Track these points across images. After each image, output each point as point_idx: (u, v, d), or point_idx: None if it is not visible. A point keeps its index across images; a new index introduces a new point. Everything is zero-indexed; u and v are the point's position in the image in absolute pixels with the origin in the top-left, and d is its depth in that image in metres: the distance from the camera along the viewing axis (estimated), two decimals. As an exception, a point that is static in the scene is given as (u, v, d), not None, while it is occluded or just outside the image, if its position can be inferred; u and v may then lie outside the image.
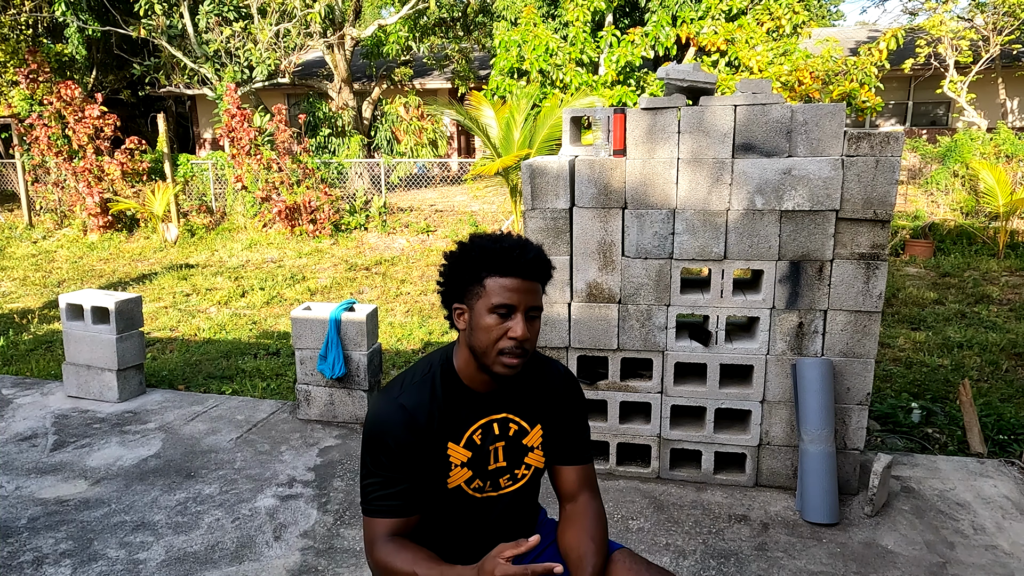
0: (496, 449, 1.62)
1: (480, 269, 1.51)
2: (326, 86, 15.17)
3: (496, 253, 1.50)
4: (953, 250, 8.94)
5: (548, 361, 1.75)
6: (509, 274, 1.49)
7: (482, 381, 1.59)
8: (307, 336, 4.12)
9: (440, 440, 1.56)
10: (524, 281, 1.50)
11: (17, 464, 3.65)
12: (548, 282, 1.58)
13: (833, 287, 3.12)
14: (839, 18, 34.91)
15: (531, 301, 1.51)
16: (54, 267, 9.43)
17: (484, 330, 1.50)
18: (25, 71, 11.81)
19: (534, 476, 1.69)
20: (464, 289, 1.54)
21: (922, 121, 17.50)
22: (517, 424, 1.64)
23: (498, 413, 1.62)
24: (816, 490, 3.02)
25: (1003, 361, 5.16)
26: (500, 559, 1.33)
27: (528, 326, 1.50)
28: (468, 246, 1.55)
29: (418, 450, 1.54)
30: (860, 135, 2.99)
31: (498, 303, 1.48)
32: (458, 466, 1.59)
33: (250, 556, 2.84)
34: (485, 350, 1.51)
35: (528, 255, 1.51)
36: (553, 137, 9.64)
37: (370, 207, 11.10)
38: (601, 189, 3.21)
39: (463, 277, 1.53)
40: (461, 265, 1.54)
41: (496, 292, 1.48)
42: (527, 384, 1.67)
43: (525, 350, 1.51)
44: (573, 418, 1.73)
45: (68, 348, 4.53)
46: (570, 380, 1.75)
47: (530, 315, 1.52)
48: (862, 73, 10.35)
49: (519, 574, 1.30)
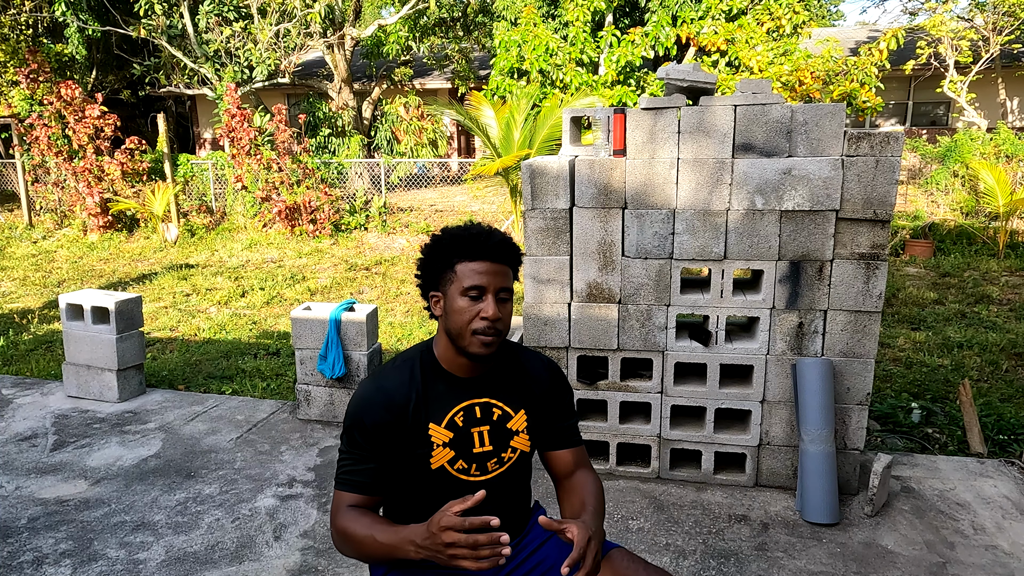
0: (481, 433, 1.67)
1: (451, 256, 1.59)
2: (326, 86, 15.17)
3: (464, 239, 1.59)
4: (953, 250, 8.94)
5: (530, 352, 1.82)
6: (478, 258, 1.57)
7: (461, 366, 1.66)
8: (307, 336, 4.12)
9: (421, 421, 1.62)
10: (492, 264, 1.58)
11: (17, 464, 3.65)
12: (518, 266, 1.65)
13: (833, 287, 3.12)
14: (839, 18, 34.92)
15: (501, 283, 1.59)
16: (54, 267, 9.42)
17: (457, 312, 1.58)
18: (25, 71, 11.80)
19: (521, 459, 1.74)
20: (438, 276, 1.62)
21: (922, 121, 17.50)
22: (500, 409, 1.70)
23: (480, 397, 1.68)
24: (816, 490, 3.02)
25: (1003, 361, 5.16)
26: (448, 512, 1.39)
27: (499, 307, 1.58)
28: (439, 236, 1.64)
29: (395, 430, 1.61)
30: (860, 135, 3.00)
31: (469, 285, 1.56)
32: (439, 446, 1.64)
33: (250, 556, 2.84)
34: (460, 332, 1.58)
35: (494, 239, 1.60)
36: (553, 137, 9.64)
37: (370, 207, 11.10)
38: (601, 189, 3.21)
39: (436, 265, 1.62)
40: (434, 254, 1.63)
41: (467, 275, 1.57)
42: (509, 371, 1.73)
43: (497, 330, 1.58)
44: (559, 404, 1.79)
45: (68, 348, 4.53)
46: (553, 368, 1.82)
47: (500, 296, 1.59)
48: (862, 73, 10.35)
49: (458, 524, 1.35)
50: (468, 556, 1.35)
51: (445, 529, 1.36)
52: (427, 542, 1.40)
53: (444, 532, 1.36)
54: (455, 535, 1.35)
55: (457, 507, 1.38)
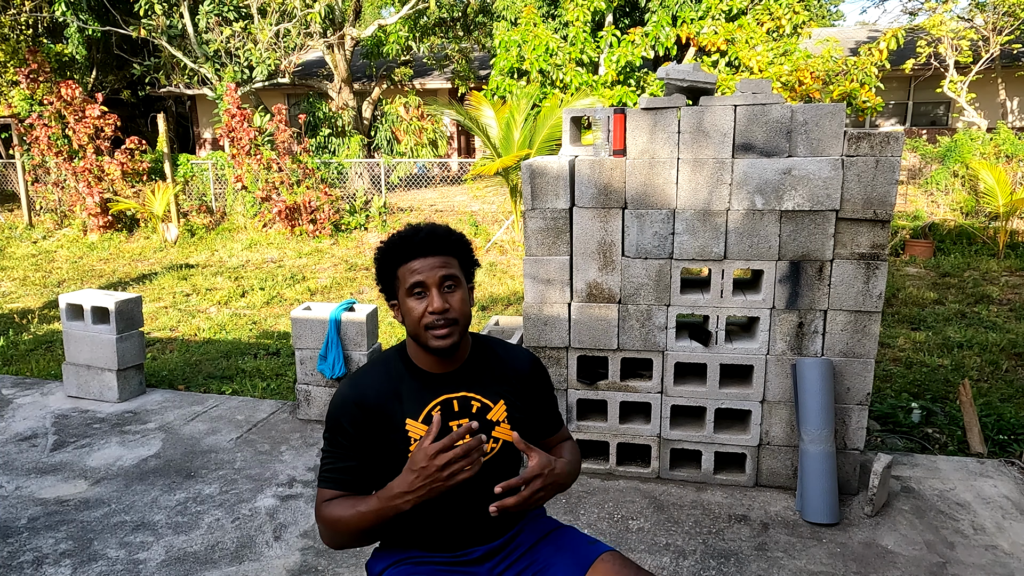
0: (460, 426, 1.69)
1: (391, 263, 1.65)
2: (326, 86, 15.17)
3: (396, 244, 1.64)
4: (953, 250, 8.94)
5: (510, 345, 1.85)
6: (410, 257, 1.62)
7: (432, 362, 1.69)
8: (307, 336, 4.12)
9: (397, 417, 1.65)
10: (427, 258, 1.61)
11: (17, 464, 3.65)
12: (461, 253, 1.68)
13: (833, 287, 3.12)
14: (839, 18, 34.91)
15: (440, 273, 1.61)
16: (54, 267, 9.43)
17: (408, 313, 1.63)
18: (25, 71, 11.81)
19: (505, 449, 1.74)
20: (390, 286, 1.68)
21: (922, 121, 17.50)
22: (479, 402, 1.71)
23: (456, 392, 1.70)
24: (816, 490, 3.02)
25: (1003, 361, 5.16)
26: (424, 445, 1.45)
27: (446, 297, 1.61)
28: (380, 247, 1.69)
29: (373, 428, 1.64)
30: (860, 135, 3.00)
31: (409, 284, 1.61)
32: (418, 440, 1.65)
33: (250, 556, 2.84)
34: (416, 332, 1.63)
35: (420, 235, 1.63)
36: (553, 137, 9.64)
37: (370, 207, 11.10)
38: (601, 189, 3.21)
39: (384, 276, 1.68)
40: (380, 266, 1.68)
41: (406, 276, 1.62)
42: (485, 364, 1.75)
43: (449, 320, 1.60)
44: (541, 393, 1.83)
45: (68, 348, 4.53)
46: (533, 358, 1.84)
47: (446, 287, 1.62)
48: (862, 73, 10.35)
49: (446, 444, 1.44)
50: (465, 465, 1.45)
51: (435, 454, 1.44)
52: (419, 481, 1.46)
53: (436, 457, 1.44)
54: (446, 455, 1.43)
55: (429, 439, 1.46)
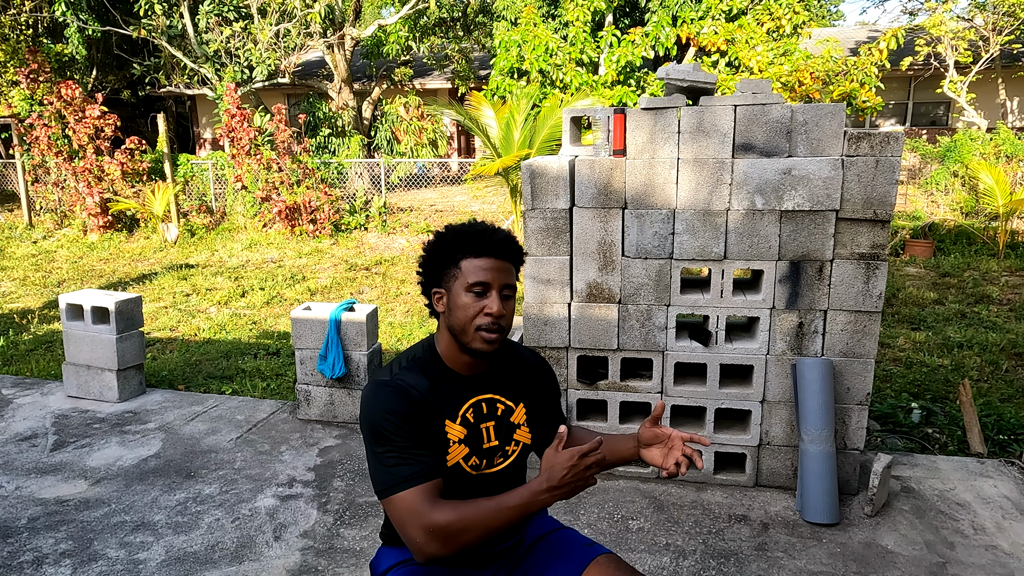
0: (488, 428, 1.69)
1: (456, 252, 1.60)
2: (326, 86, 15.17)
3: (470, 236, 1.60)
4: (953, 250, 8.94)
5: (522, 347, 1.86)
6: (483, 254, 1.58)
7: (464, 363, 1.66)
8: (307, 336, 4.12)
9: (437, 418, 1.62)
10: (497, 260, 1.59)
11: (17, 464, 3.65)
12: (520, 265, 1.67)
13: (833, 287, 3.12)
14: (839, 18, 34.91)
15: (505, 279, 1.60)
16: (54, 267, 9.42)
17: (462, 308, 1.58)
18: (25, 71, 11.81)
19: (523, 452, 1.77)
20: (442, 273, 1.63)
21: (922, 121, 17.50)
22: (504, 404, 1.72)
23: (484, 393, 1.69)
24: (816, 490, 3.02)
25: (1003, 361, 5.16)
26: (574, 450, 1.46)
27: (503, 303, 1.59)
28: (443, 233, 1.64)
29: (423, 424, 1.58)
30: (860, 135, 3.00)
31: (474, 281, 1.57)
32: (455, 443, 1.64)
33: (250, 556, 2.84)
34: (464, 328, 1.58)
35: (499, 236, 1.61)
36: (553, 137, 9.63)
37: (370, 207, 11.09)
38: (601, 189, 3.21)
39: (440, 262, 1.62)
40: (438, 251, 1.63)
41: (472, 272, 1.58)
42: (506, 366, 1.75)
43: (501, 326, 1.59)
44: (551, 393, 1.85)
45: (68, 348, 4.53)
46: (541, 359, 1.87)
47: (504, 293, 1.60)
48: (862, 73, 10.34)
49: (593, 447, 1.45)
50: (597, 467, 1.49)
51: (585, 456, 1.45)
52: (567, 477, 1.45)
53: (586, 458, 1.45)
54: (592, 457, 1.46)
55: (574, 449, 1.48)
